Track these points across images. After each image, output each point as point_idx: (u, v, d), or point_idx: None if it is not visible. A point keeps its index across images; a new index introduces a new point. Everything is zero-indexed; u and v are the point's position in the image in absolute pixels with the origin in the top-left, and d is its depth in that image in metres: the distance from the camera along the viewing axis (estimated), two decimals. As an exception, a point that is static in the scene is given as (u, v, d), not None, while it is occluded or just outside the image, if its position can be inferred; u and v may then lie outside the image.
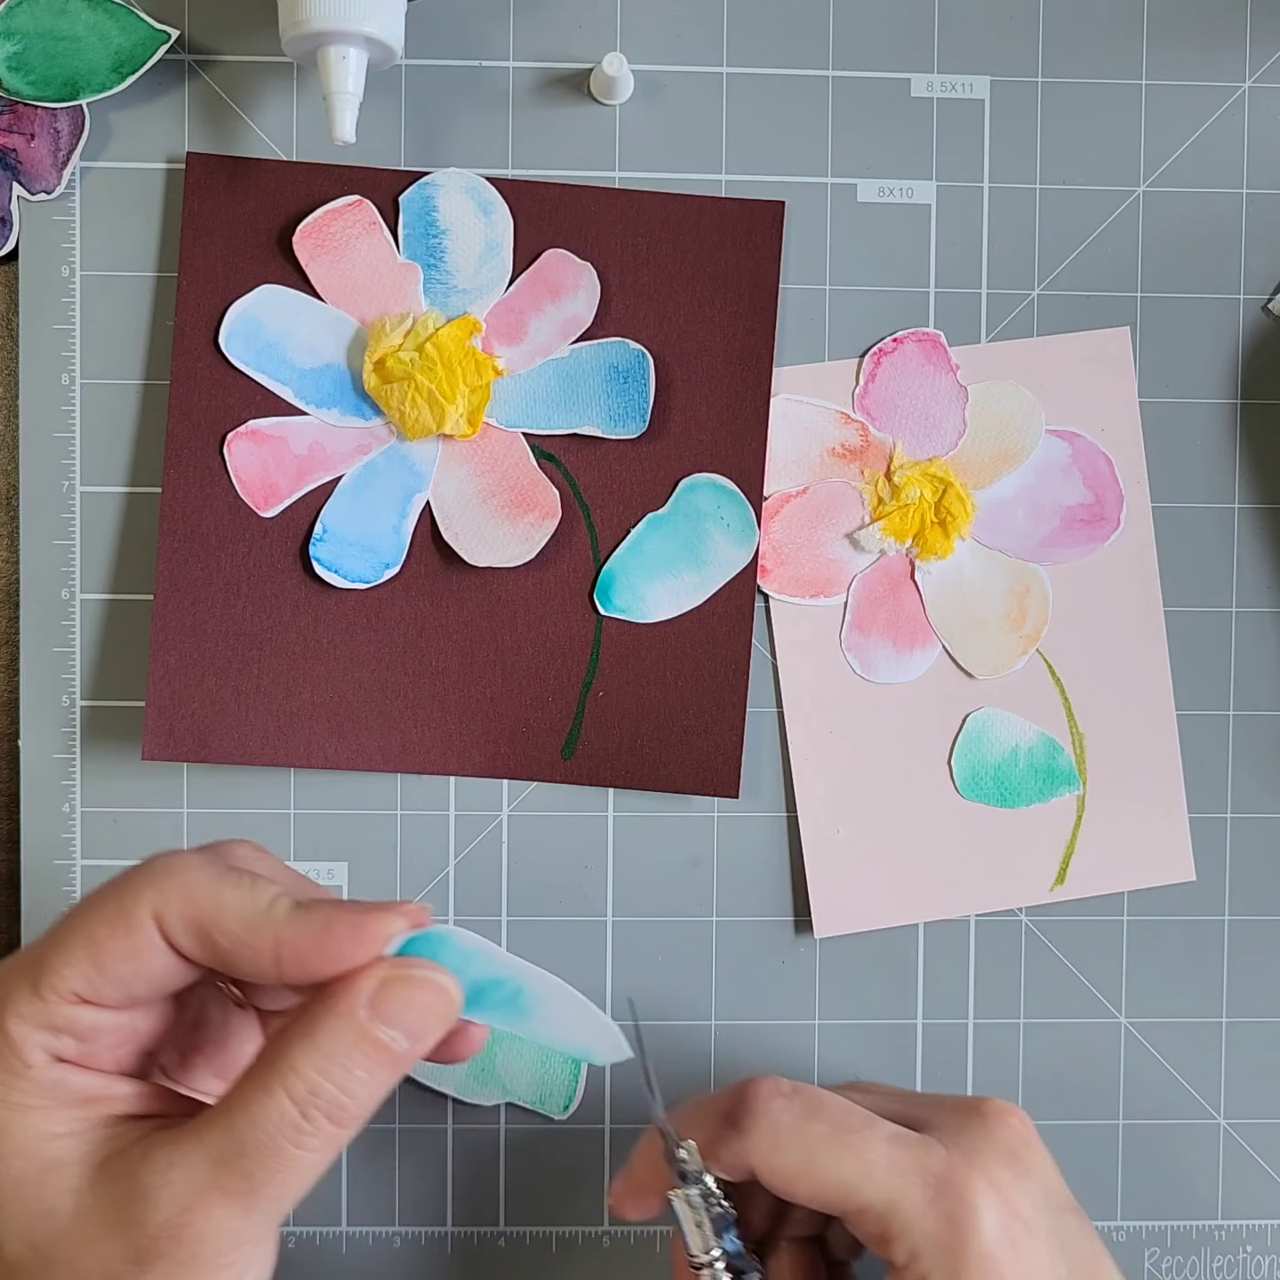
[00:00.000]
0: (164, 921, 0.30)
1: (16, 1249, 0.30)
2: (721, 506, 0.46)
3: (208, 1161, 0.29)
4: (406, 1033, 0.30)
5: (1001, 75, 0.46)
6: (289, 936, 0.30)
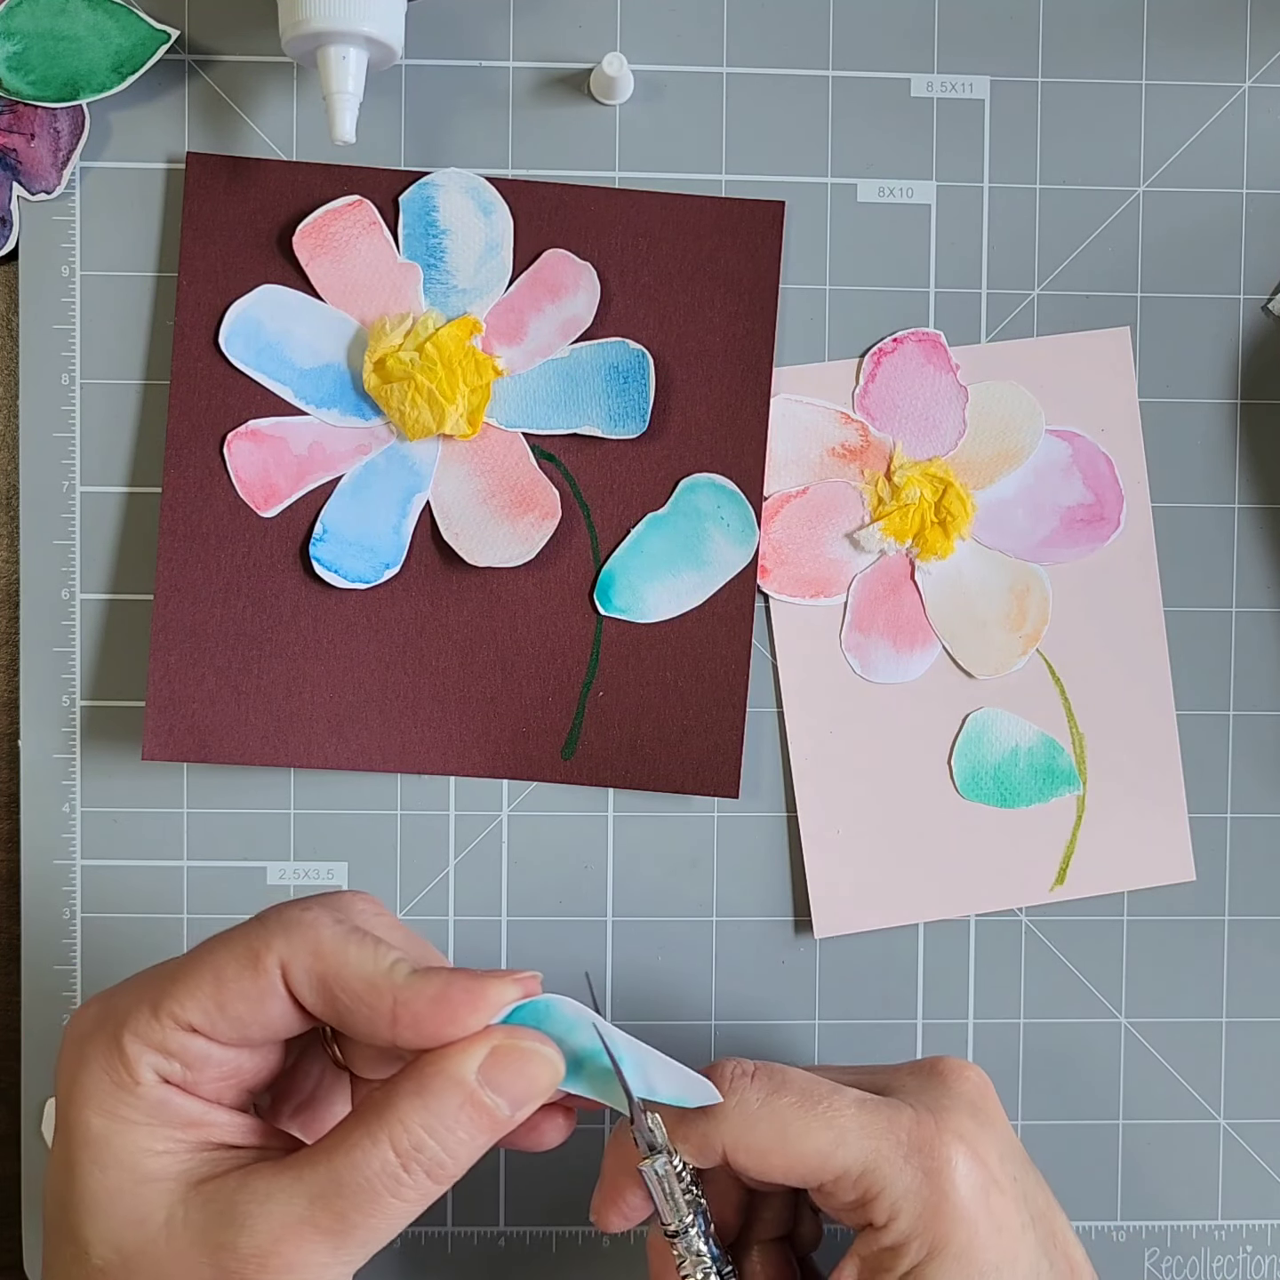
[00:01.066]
0: (290, 972, 0.32)
1: (104, 1254, 0.31)
2: (721, 506, 0.46)
3: (305, 1197, 0.31)
4: (511, 1100, 0.32)
5: (1001, 75, 0.46)
6: (407, 999, 0.31)
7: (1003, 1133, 0.37)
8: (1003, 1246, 0.35)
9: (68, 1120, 0.32)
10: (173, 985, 0.32)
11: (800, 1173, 0.35)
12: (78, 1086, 0.32)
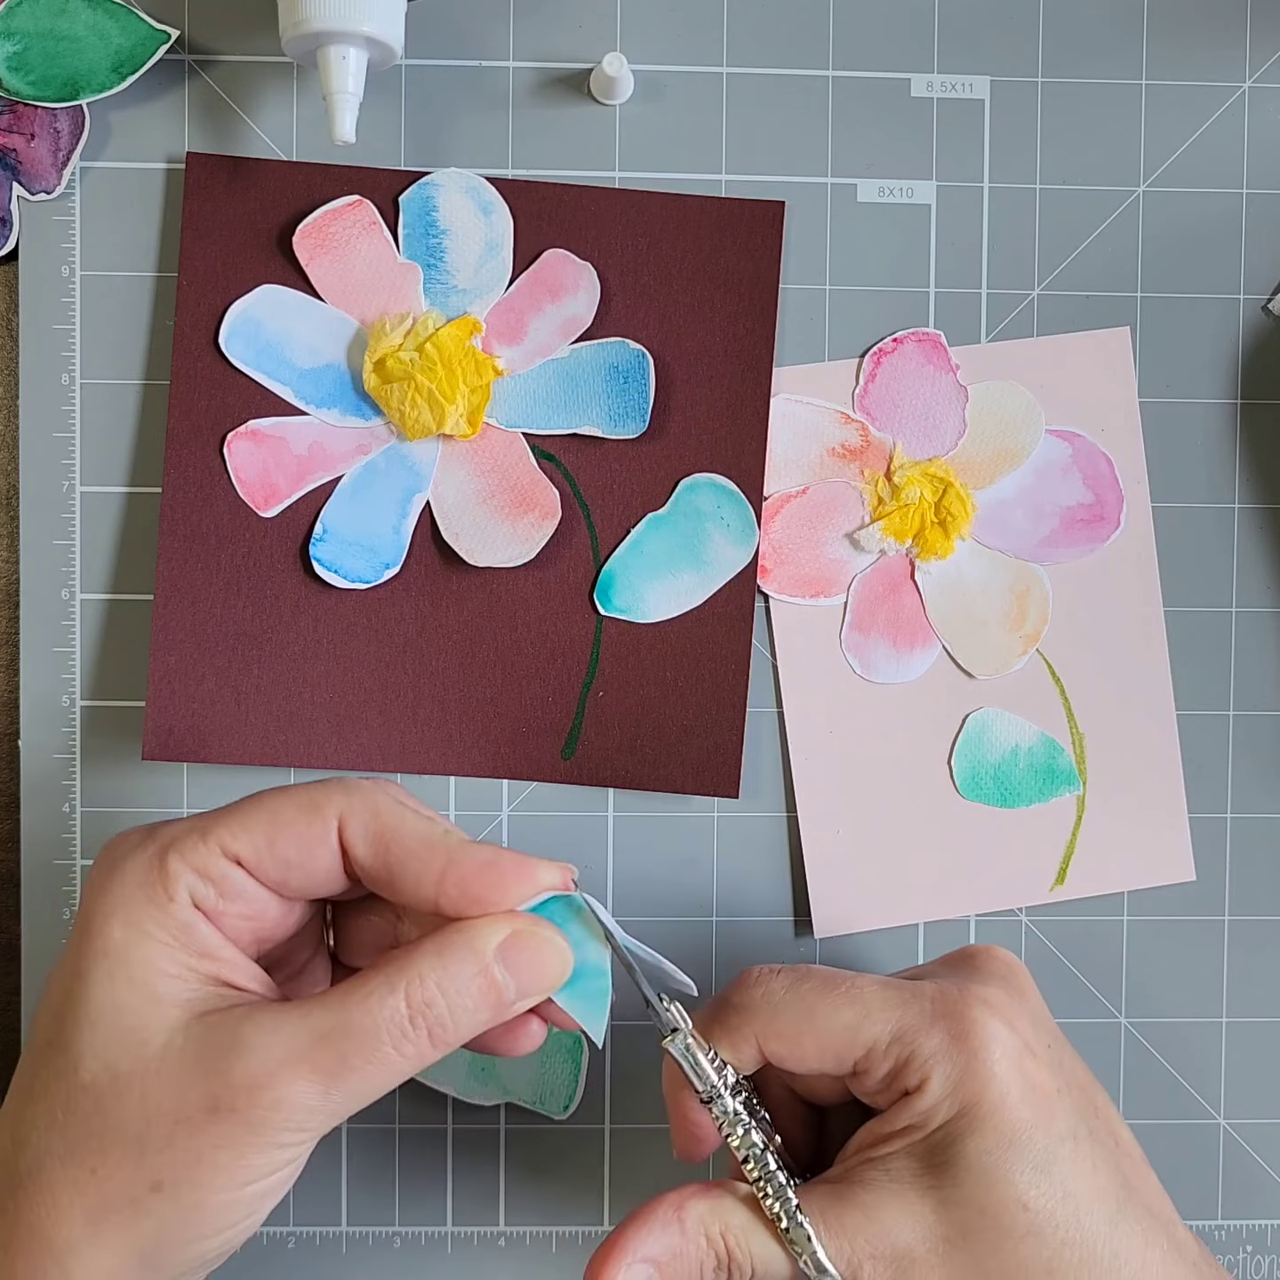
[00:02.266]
0: (347, 825, 0.33)
1: (94, 1070, 0.31)
2: (721, 506, 0.46)
3: (310, 1034, 0.31)
4: (519, 984, 0.33)
5: (1001, 75, 0.46)
6: (460, 860, 0.33)
7: (1034, 1004, 0.37)
8: (1037, 1105, 0.35)
9: (88, 929, 0.32)
10: (227, 817, 0.33)
11: (833, 1050, 0.36)
12: (108, 895, 0.32)
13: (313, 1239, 0.47)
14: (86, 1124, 0.31)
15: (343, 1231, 0.47)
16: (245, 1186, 0.31)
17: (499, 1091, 0.47)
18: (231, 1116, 0.31)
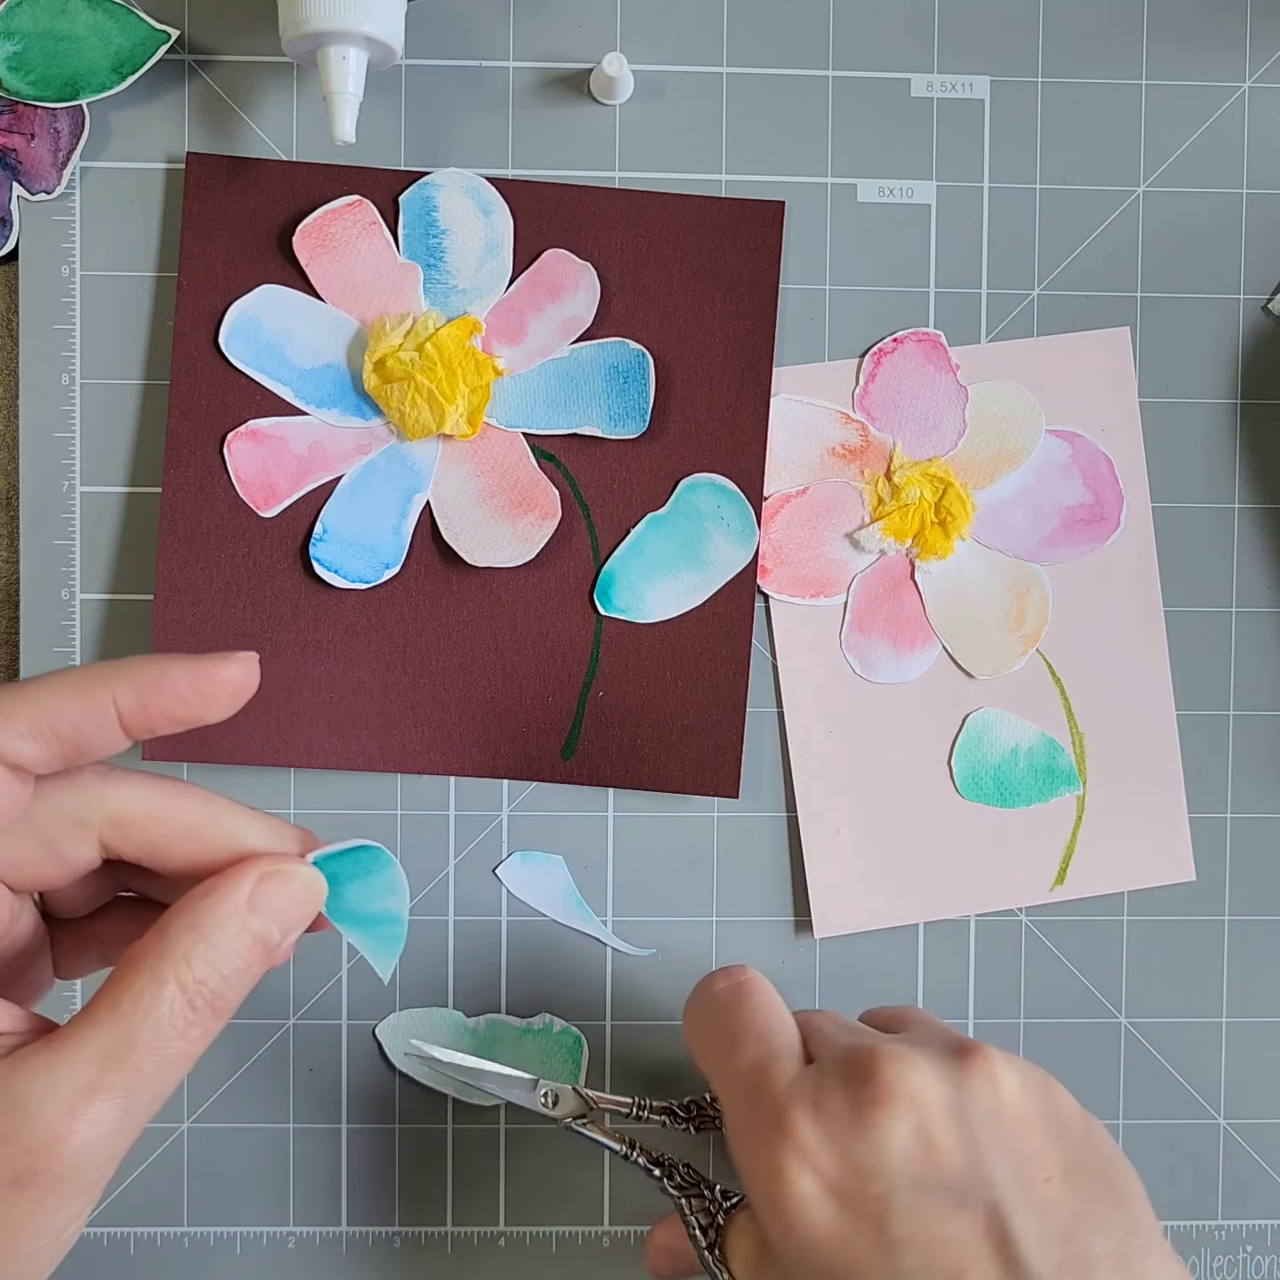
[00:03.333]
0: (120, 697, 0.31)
1: None
2: (721, 506, 0.46)
3: (95, 1061, 0.28)
4: (281, 926, 0.31)
5: (1001, 75, 0.46)
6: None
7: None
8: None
9: None
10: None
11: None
12: None
13: (313, 1239, 0.47)
14: None
15: (343, 1231, 0.47)
16: (62, 1234, 0.29)
17: (499, 1091, 0.47)
18: (39, 1180, 0.28)
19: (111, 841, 0.31)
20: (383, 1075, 0.47)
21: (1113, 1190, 0.35)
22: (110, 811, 0.31)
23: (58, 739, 0.30)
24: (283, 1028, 0.47)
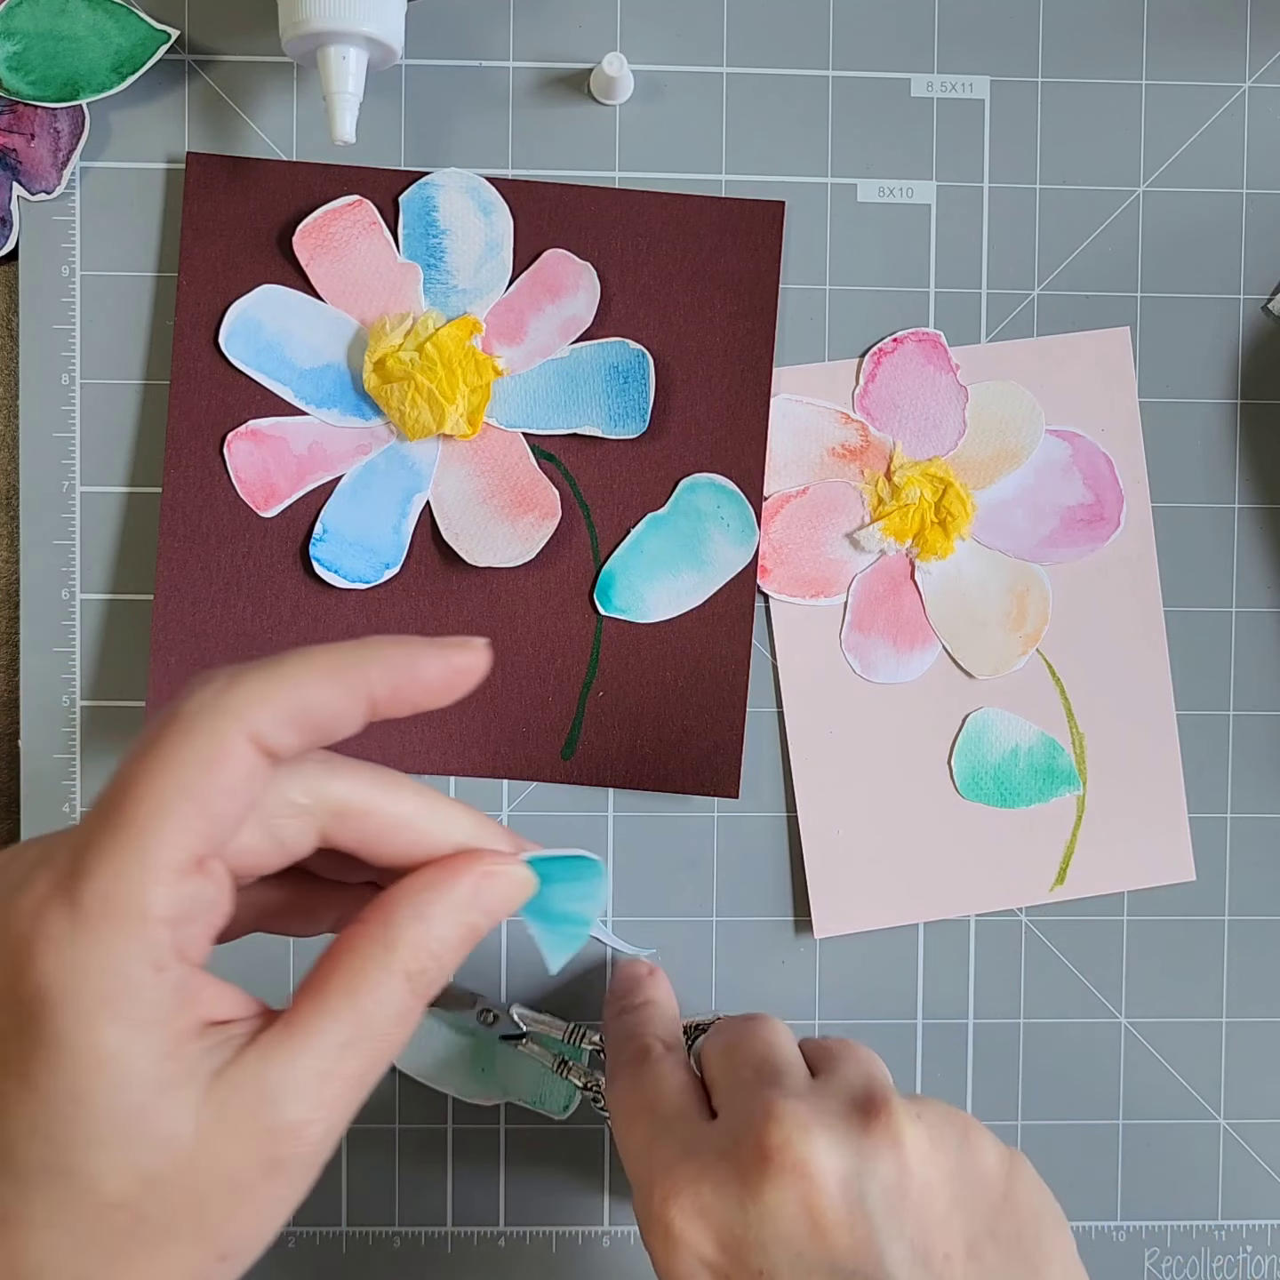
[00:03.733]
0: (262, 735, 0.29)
1: (120, 1185, 0.27)
2: (721, 506, 0.46)
3: (335, 1049, 0.29)
4: (490, 919, 0.32)
5: (1001, 75, 0.46)
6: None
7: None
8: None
9: (59, 1037, 0.26)
10: (143, 831, 0.27)
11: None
12: (71, 987, 0.26)
13: (313, 1239, 0.47)
14: (130, 1236, 0.27)
15: (343, 1231, 0.47)
16: (287, 1215, 0.29)
17: (499, 1091, 0.47)
18: (288, 1166, 0.28)
19: (331, 831, 0.30)
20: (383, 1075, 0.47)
21: (1025, 1261, 0.34)
22: (334, 802, 0.30)
23: (311, 726, 0.29)
24: (283, 1028, 0.47)
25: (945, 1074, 0.47)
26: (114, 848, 0.26)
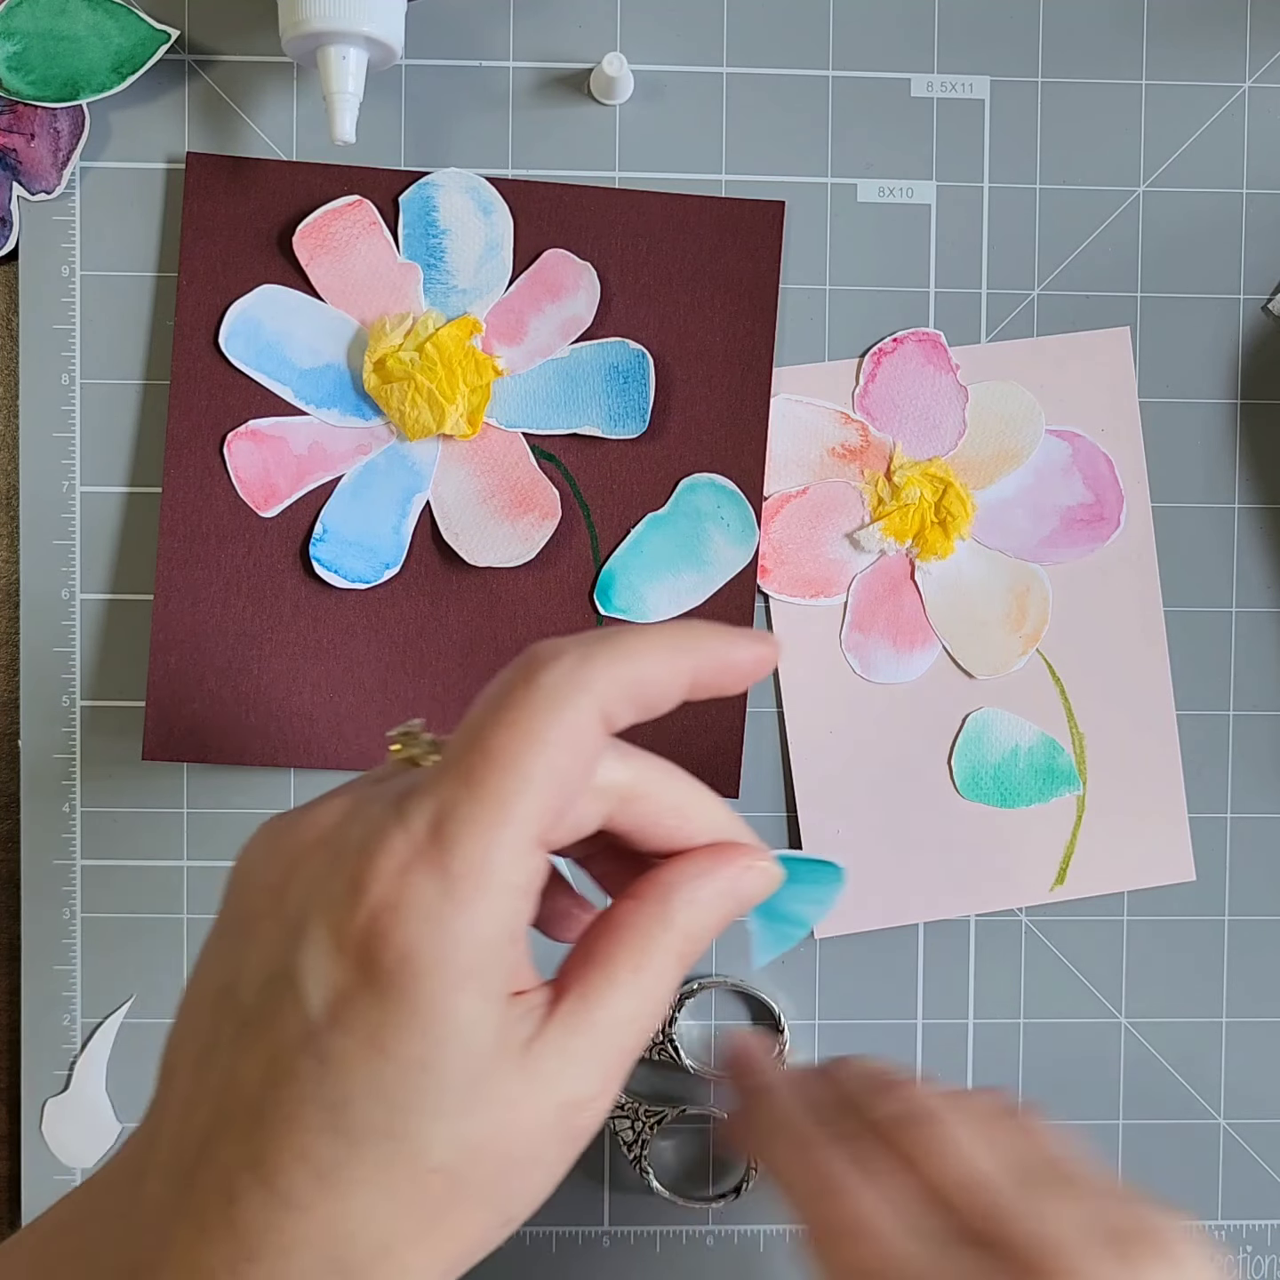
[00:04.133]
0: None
1: (446, 1153, 0.27)
2: (721, 506, 0.46)
3: (625, 1023, 0.29)
4: (741, 910, 0.32)
5: (1001, 75, 0.46)
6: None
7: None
8: None
9: (419, 1000, 0.26)
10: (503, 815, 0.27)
11: None
12: (445, 958, 0.26)
13: (313, 1239, 0.47)
14: (441, 1202, 0.27)
15: (343, 1231, 0.47)
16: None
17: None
18: (579, 1138, 0.28)
19: (614, 814, 0.30)
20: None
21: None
22: (623, 786, 0.30)
23: (643, 705, 0.29)
24: (283, 1028, 0.47)
25: (945, 1074, 0.47)
26: (481, 817, 0.26)
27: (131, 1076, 0.46)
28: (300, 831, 0.28)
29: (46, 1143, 0.46)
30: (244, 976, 0.27)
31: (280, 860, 0.28)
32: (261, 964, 0.27)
